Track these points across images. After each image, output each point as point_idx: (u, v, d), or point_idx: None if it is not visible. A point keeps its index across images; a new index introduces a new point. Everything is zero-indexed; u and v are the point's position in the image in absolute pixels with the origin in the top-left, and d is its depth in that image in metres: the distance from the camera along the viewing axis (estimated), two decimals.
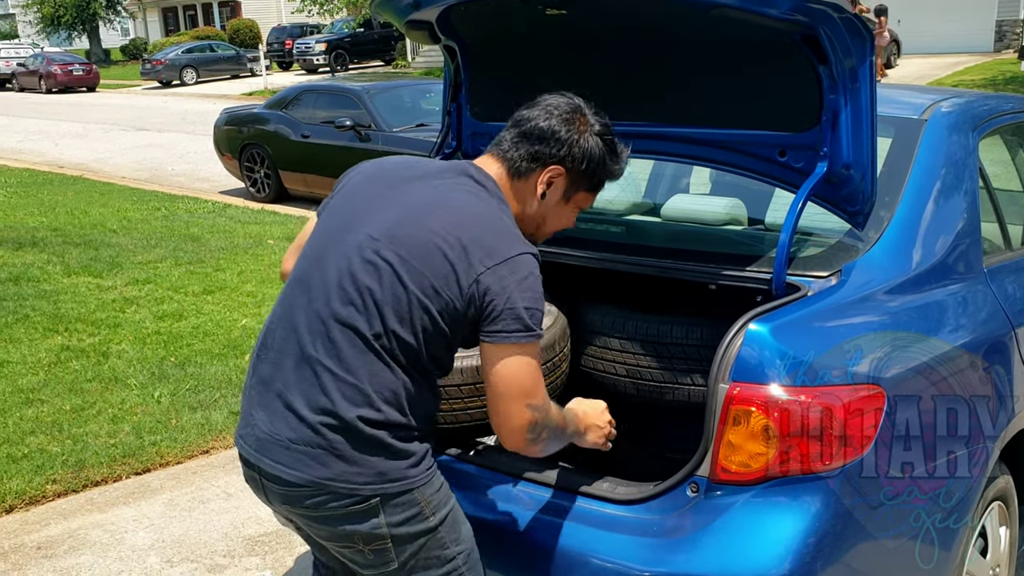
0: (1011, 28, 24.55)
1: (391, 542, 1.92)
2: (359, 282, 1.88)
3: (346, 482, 1.87)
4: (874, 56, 2.28)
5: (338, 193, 2.09)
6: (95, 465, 4.18)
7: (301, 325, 1.93)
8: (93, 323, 6.21)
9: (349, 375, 1.86)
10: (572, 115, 2.01)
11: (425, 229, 1.87)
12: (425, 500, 1.93)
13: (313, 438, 1.87)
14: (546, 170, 1.99)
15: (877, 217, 2.46)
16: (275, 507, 2.04)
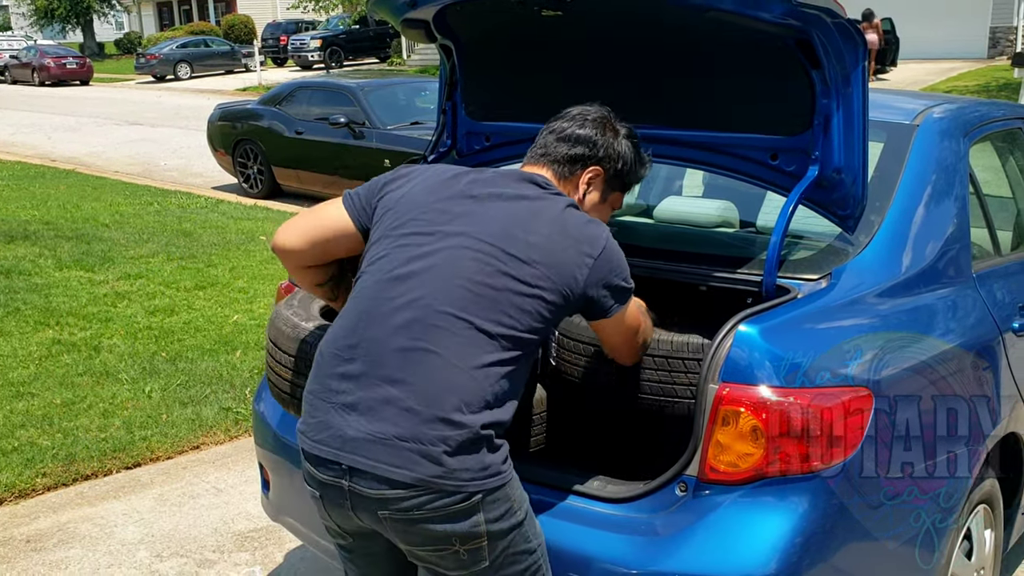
0: (1005, 35, 24.65)
1: (487, 539, 1.91)
2: (478, 280, 1.93)
3: (455, 479, 1.85)
4: (867, 61, 2.30)
5: (401, 198, 2.10)
6: (85, 459, 4.18)
7: (408, 322, 1.92)
8: (84, 317, 6.21)
9: (466, 372, 1.88)
10: (603, 121, 2.22)
11: (537, 236, 1.99)
12: (514, 494, 1.95)
13: (426, 434, 1.85)
14: (587, 171, 2.18)
15: (868, 221, 2.48)
16: (359, 520, 1.97)
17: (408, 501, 1.86)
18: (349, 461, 1.89)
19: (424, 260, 1.98)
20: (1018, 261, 3.10)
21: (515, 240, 1.98)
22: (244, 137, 11.34)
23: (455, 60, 2.96)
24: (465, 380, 1.88)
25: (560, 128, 2.20)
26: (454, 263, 1.96)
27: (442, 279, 1.95)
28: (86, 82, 34.54)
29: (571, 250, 1.99)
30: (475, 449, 1.87)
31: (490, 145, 3.08)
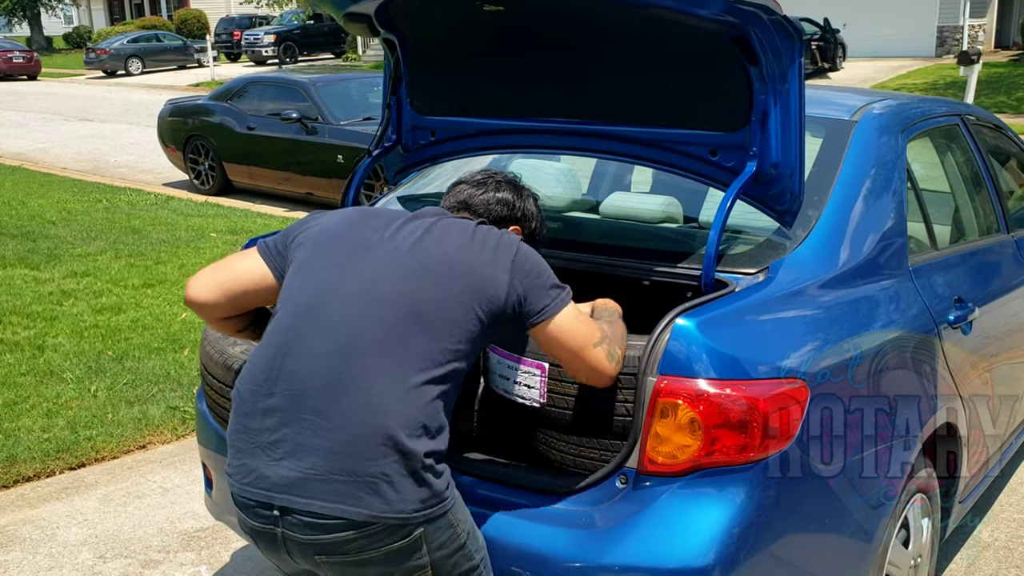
0: (951, 34, 25.15)
1: (431, 569, 1.90)
2: (399, 299, 1.90)
3: (397, 512, 1.80)
4: (803, 57, 2.33)
5: (317, 232, 2.08)
6: (27, 460, 4.11)
7: (329, 350, 1.86)
8: (28, 316, 6.09)
9: (399, 399, 1.83)
10: (516, 184, 2.36)
11: (454, 248, 1.99)
12: (455, 518, 1.93)
13: (362, 466, 1.79)
14: (509, 230, 2.18)
15: (805, 216, 2.52)
16: (295, 562, 1.90)
17: (347, 545, 1.81)
18: (280, 502, 1.82)
19: (340, 288, 1.93)
20: (955, 255, 3.16)
21: (432, 255, 1.96)
22: (195, 133, 11.19)
23: (399, 55, 2.94)
24: (396, 405, 1.83)
25: (474, 187, 2.29)
26: (372, 286, 1.92)
27: (361, 303, 1.90)
28: (33, 77, 33.83)
29: (487, 256, 1.98)
30: (416, 477, 1.83)
31: (436, 140, 3.08)
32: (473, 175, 2.34)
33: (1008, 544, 3.47)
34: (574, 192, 3.34)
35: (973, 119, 3.69)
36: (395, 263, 1.96)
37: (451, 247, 1.99)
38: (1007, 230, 3.61)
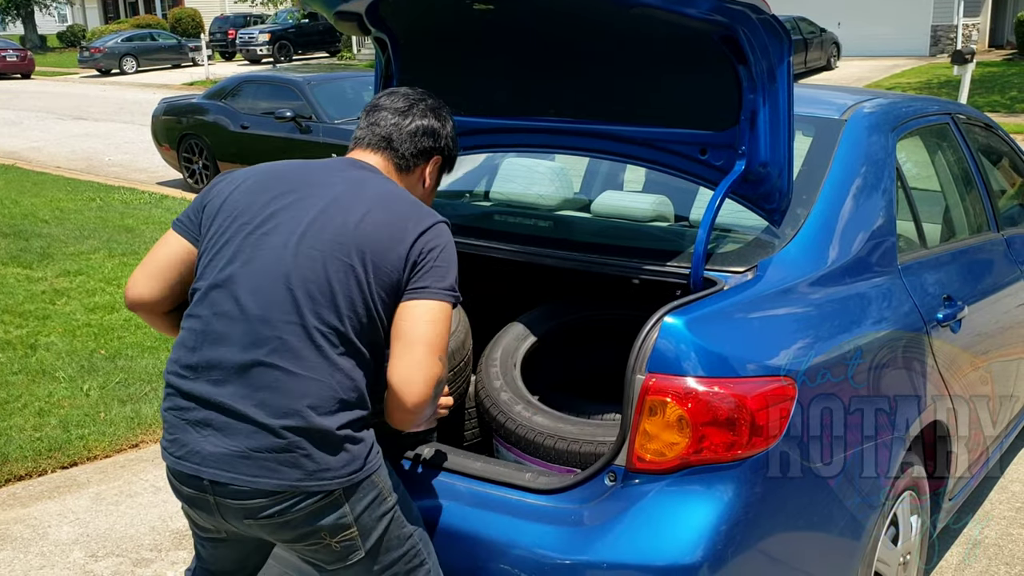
0: (945, 33, 25.18)
1: (357, 530, 1.95)
2: (306, 279, 1.89)
3: (316, 480, 1.87)
4: (791, 57, 2.34)
5: (223, 204, 2.04)
6: (19, 459, 4.10)
7: (245, 334, 1.89)
8: (21, 315, 6.08)
9: (311, 374, 1.87)
10: (439, 108, 2.23)
11: (355, 217, 1.95)
12: (382, 482, 1.98)
13: (279, 443, 1.86)
14: (430, 161, 2.21)
15: (794, 214, 2.53)
16: (229, 524, 1.98)
17: (271, 508, 1.89)
18: (210, 476, 1.90)
19: (242, 266, 1.93)
20: (945, 253, 3.17)
21: (337, 223, 1.94)
22: (189, 132, 11.17)
23: (390, 53, 2.95)
24: (310, 384, 1.86)
25: (400, 116, 2.16)
26: (277, 262, 1.91)
27: (267, 283, 1.91)
28: (27, 76, 33.69)
29: (397, 225, 1.95)
30: (334, 449, 1.88)
31: None
32: (395, 100, 2.20)
33: (998, 542, 3.48)
34: (566, 191, 3.35)
35: (964, 118, 3.70)
36: (299, 238, 1.93)
37: (359, 213, 1.95)
38: (997, 229, 3.62)
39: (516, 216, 3.08)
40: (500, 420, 2.39)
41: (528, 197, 3.22)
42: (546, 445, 2.31)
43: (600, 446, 2.24)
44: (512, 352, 2.56)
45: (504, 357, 2.53)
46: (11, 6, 45.81)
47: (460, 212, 3.33)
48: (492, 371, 2.48)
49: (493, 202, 3.37)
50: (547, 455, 2.31)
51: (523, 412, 2.37)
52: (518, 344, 2.60)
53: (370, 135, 2.17)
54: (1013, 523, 3.61)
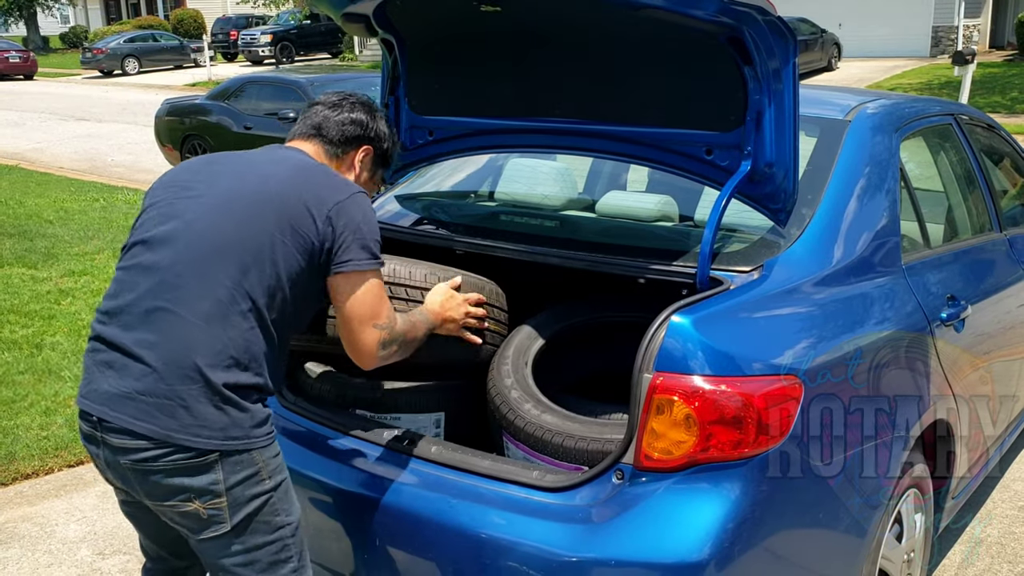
0: (946, 34, 25.19)
1: (226, 501, 2.00)
2: (222, 238, 2.02)
3: (190, 435, 1.95)
4: (797, 58, 2.35)
5: (159, 182, 2.22)
6: (26, 458, 4.13)
7: (156, 284, 2.01)
8: (26, 315, 6.11)
9: (209, 331, 1.97)
10: (368, 105, 2.41)
11: (274, 184, 2.10)
12: (263, 462, 2.04)
13: (161, 388, 1.95)
14: (360, 150, 2.36)
15: (799, 214, 2.54)
16: (109, 466, 2.06)
17: (144, 452, 1.96)
18: (99, 413, 2.00)
19: (166, 225, 2.07)
20: (948, 253, 3.19)
21: (253, 190, 2.08)
22: (192, 132, 11.20)
23: (397, 55, 2.97)
24: (204, 337, 1.96)
25: (329, 109, 2.34)
26: (196, 221, 2.05)
27: (183, 240, 2.03)
28: (30, 77, 33.76)
29: (312, 194, 2.08)
30: (215, 408, 1.96)
31: (433, 139, 3.10)
32: (329, 96, 2.39)
33: (1001, 540, 3.50)
34: (570, 191, 3.37)
35: (966, 119, 3.72)
36: (214, 202, 2.07)
37: (277, 181, 2.10)
38: (1000, 229, 3.63)
39: (522, 216, 3.09)
40: (510, 417, 2.40)
41: (533, 197, 3.24)
42: (554, 443, 2.32)
43: (608, 444, 2.26)
44: (524, 351, 2.58)
45: (516, 355, 2.55)
46: (13, 7, 45.83)
47: (466, 212, 3.35)
48: (503, 368, 2.50)
49: (498, 202, 3.38)
50: (555, 453, 2.33)
51: (532, 410, 2.38)
52: (530, 343, 2.62)
53: (303, 126, 2.35)
54: (1015, 522, 3.62)
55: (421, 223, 3.11)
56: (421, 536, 2.30)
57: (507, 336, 2.67)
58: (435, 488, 2.34)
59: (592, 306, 2.84)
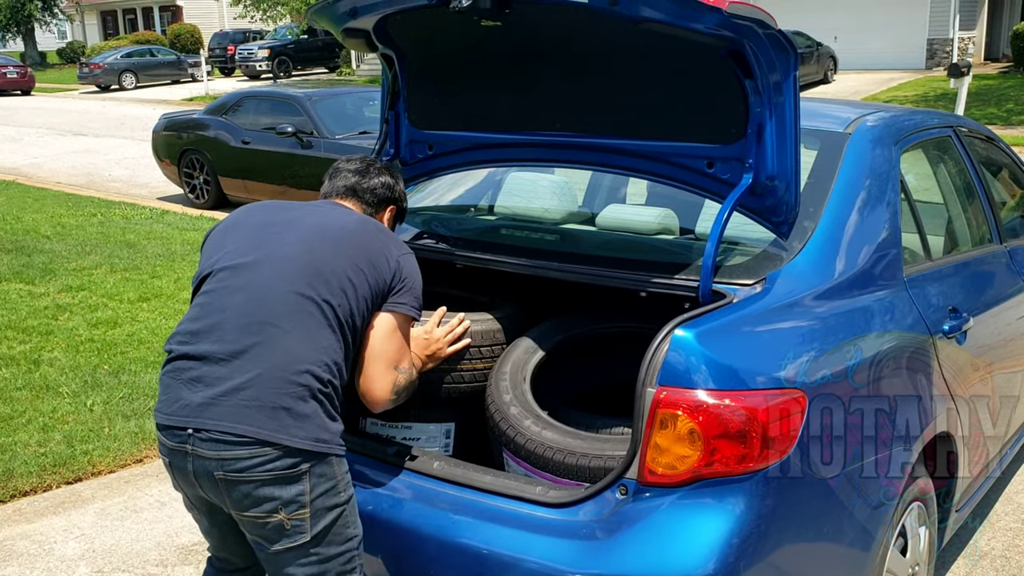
0: (941, 47, 25.29)
1: (309, 511, 2.08)
2: (312, 263, 2.18)
3: (288, 435, 2.04)
4: (797, 71, 2.36)
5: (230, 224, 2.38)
6: (24, 475, 4.10)
7: (249, 301, 2.13)
8: (24, 330, 6.09)
9: (307, 340, 2.10)
10: (392, 169, 2.63)
11: (353, 226, 2.32)
12: (341, 475, 2.16)
13: (267, 394, 2.05)
14: (387, 209, 2.58)
15: (801, 227, 2.54)
16: (198, 483, 2.12)
17: (242, 461, 2.04)
18: (195, 424, 2.07)
19: (252, 254, 2.22)
20: (949, 265, 3.19)
21: (338, 227, 2.29)
22: (190, 147, 11.20)
23: (397, 69, 2.97)
24: (304, 346, 2.10)
25: (362, 172, 2.55)
26: (283, 250, 2.21)
27: (275, 263, 2.19)
28: (27, 92, 33.80)
29: (382, 241, 2.31)
30: (311, 411, 2.08)
31: (433, 154, 3.10)
32: (352, 163, 2.58)
33: (1005, 553, 3.48)
34: (570, 204, 3.37)
35: (965, 131, 3.72)
36: (300, 233, 2.26)
37: (352, 223, 2.32)
38: (1000, 240, 3.63)
39: (522, 230, 3.09)
40: (510, 434, 2.39)
41: (533, 211, 3.24)
42: (555, 460, 2.31)
43: (610, 461, 2.25)
44: (522, 366, 2.57)
45: (514, 371, 2.54)
46: (11, 23, 45.93)
47: (466, 226, 3.35)
48: (502, 385, 2.49)
49: (498, 216, 3.38)
50: (556, 469, 2.32)
51: (532, 426, 2.37)
52: (528, 358, 2.61)
53: (335, 188, 2.54)
54: (1019, 534, 3.61)
55: (421, 237, 3.11)
56: (423, 552, 2.28)
57: (503, 352, 2.66)
58: (437, 504, 2.32)
59: (589, 319, 2.83)
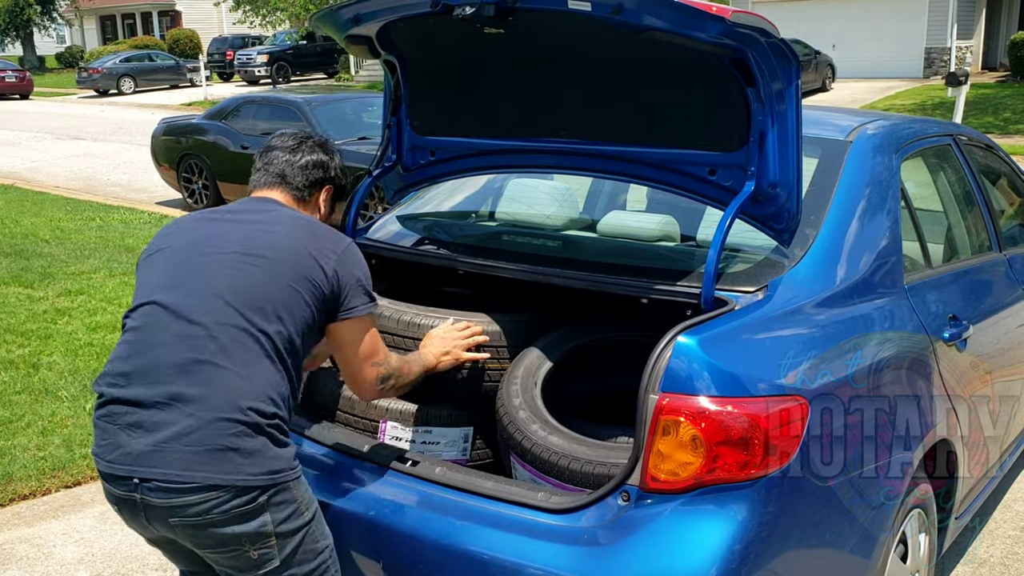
0: (939, 55, 25.36)
1: (275, 539, 2.07)
2: (240, 289, 2.09)
3: (242, 475, 1.99)
4: (800, 79, 2.37)
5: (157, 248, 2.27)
6: (23, 479, 4.10)
7: (180, 338, 2.05)
8: (23, 334, 6.08)
9: (245, 375, 2.03)
10: (324, 144, 2.49)
11: (281, 239, 2.18)
12: (300, 495, 2.12)
13: (212, 436, 1.98)
14: (323, 190, 2.45)
15: (803, 235, 2.54)
16: (154, 527, 2.06)
17: (197, 506, 1.98)
18: (140, 474, 1.99)
19: (180, 286, 2.12)
20: (949, 273, 3.20)
21: (267, 245, 2.16)
22: (189, 152, 11.21)
23: (399, 76, 2.97)
24: (242, 382, 2.02)
25: (292, 150, 2.41)
26: (210, 275, 2.11)
27: (204, 295, 2.08)
28: (26, 96, 33.80)
29: (315, 247, 2.18)
30: (261, 446, 2.02)
31: (435, 160, 3.10)
32: (285, 140, 2.45)
33: (1004, 560, 3.49)
34: (571, 211, 3.37)
35: (965, 139, 3.74)
36: (227, 257, 2.14)
37: (281, 236, 2.19)
38: (999, 248, 3.65)
39: (523, 236, 3.10)
40: (517, 438, 2.40)
41: (534, 217, 3.24)
42: (560, 465, 2.31)
43: (614, 468, 2.25)
44: (534, 371, 2.57)
45: (525, 375, 2.54)
46: (10, 27, 45.95)
47: (467, 232, 3.36)
48: (512, 388, 2.50)
49: (499, 222, 3.39)
50: (561, 475, 2.32)
51: (539, 431, 2.38)
52: (540, 363, 2.61)
53: (266, 175, 2.40)
54: (1018, 542, 3.61)
55: (423, 243, 3.11)
56: (425, 558, 2.28)
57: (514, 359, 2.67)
58: (439, 510, 2.32)
59: (605, 326, 2.83)
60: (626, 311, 2.76)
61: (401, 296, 2.89)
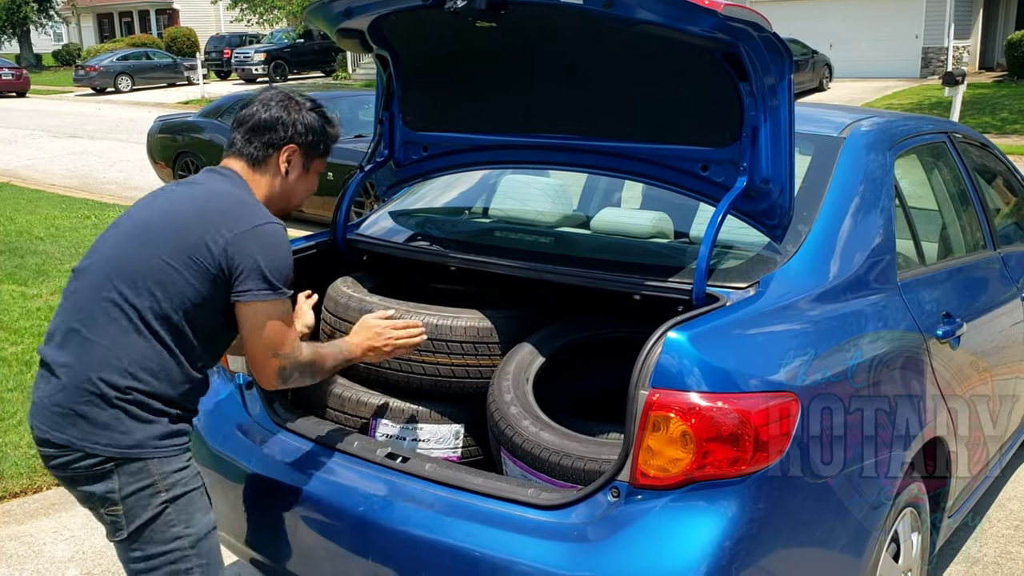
0: (936, 55, 25.37)
1: (122, 509, 2.09)
2: (124, 264, 2.11)
3: (88, 442, 2.06)
4: (792, 74, 2.35)
5: None
6: (14, 476, 4.08)
7: (72, 308, 2.14)
8: (16, 332, 6.06)
9: (107, 347, 2.07)
10: (286, 101, 2.32)
11: (177, 209, 2.17)
12: (160, 474, 2.10)
13: (68, 401, 2.08)
14: (282, 151, 2.30)
15: (795, 231, 2.53)
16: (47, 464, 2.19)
17: (57, 459, 2.10)
18: (30, 422, 2.17)
19: (90, 255, 2.20)
20: (943, 271, 3.19)
21: (157, 222, 2.15)
22: (185, 150, 11.19)
23: (392, 70, 2.96)
24: (103, 353, 2.07)
25: (247, 116, 2.30)
26: (107, 251, 2.16)
27: (95, 267, 2.15)
28: (23, 94, 33.74)
29: (211, 224, 2.10)
30: (110, 418, 2.06)
31: (428, 155, 3.09)
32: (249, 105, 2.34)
33: (997, 559, 3.48)
34: (565, 207, 3.36)
35: (960, 137, 3.73)
36: (123, 230, 2.19)
37: (179, 211, 2.16)
38: (993, 246, 3.64)
39: (516, 232, 3.09)
40: (508, 434, 2.39)
41: (527, 213, 3.23)
42: (551, 461, 2.30)
43: (604, 464, 2.24)
44: (525, 367, 2.56)
45: (517, 371, 2.53)
46: (7, 25, 45.87)
47: (460, 228, 3.34)
48: (504, 384, 2.48)
49: (493, 218, 3.38)
50: (552, 471, 2.31)
51: (530, 427, 2.37)
52: (532, 359, 2.60)
53: (231, 143, 2.33)
54: (1012, 541, 3.61)
55: (415, 239, 3.10)
56: (415, 555, 2.27)
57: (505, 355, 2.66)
58: (428, 506, 2.31)
59: (597, 323, 2.82)
60: (619, 307, 2.75)
61: (392, 292, 2.87)
